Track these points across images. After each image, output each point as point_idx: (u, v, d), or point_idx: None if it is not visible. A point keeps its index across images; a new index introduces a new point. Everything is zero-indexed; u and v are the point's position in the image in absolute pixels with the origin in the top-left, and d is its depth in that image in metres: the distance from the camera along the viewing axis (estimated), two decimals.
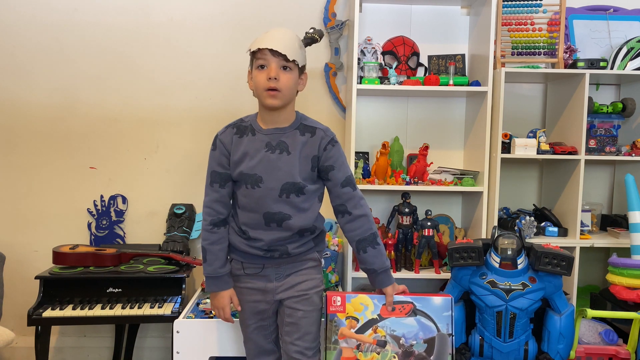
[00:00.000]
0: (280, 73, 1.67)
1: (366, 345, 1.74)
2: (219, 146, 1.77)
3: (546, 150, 2.50)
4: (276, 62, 1.66)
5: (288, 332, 1.78)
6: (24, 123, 2.78)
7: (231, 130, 1.78)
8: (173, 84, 2.80)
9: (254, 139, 1.74)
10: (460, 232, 2.77)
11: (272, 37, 1.67)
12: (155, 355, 2.87)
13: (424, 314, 1.73)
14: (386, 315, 1.76)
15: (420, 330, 1.71)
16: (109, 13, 2.76)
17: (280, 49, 1.64)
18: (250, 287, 1.80)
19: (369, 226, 1.78)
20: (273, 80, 1.65)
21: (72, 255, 2.43)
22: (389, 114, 2.82)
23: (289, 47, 1.67)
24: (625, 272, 2.28)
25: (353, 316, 1.76)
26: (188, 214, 2.74)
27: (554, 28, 2.62)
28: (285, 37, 1.68)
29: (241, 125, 1.78)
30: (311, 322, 1.79)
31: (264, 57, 1.66)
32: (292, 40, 1.70)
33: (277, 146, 1.72)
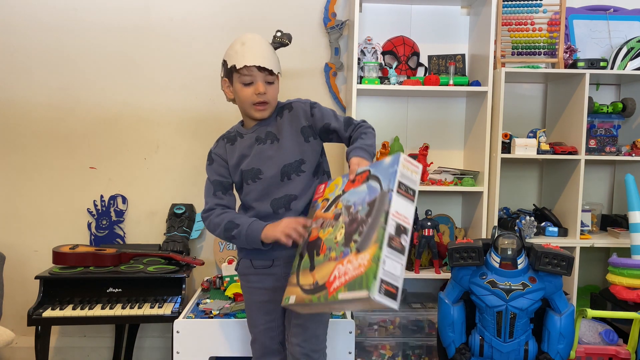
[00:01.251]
0: (267, 87, 1.73)
1: (327, 221, 1.59)
2: (216, 159, 1.82)
3: (546, 150, 2.50)
4: (262, 78, 1.72)
5: (295, 333, 1.78)
6: (24, 123, 2.78)
7: (222, 141, 1.84)
8: (173, 84, 2.80)
9: (244, 140, 1.81)
10: (460, 232, 2.77)
11: (254, 53, 1.70)
12: (155, 355, 2.87)
13: (375, 178, 1.51)
14: (347, 189, 1.58)
15: (367, 195, 1.49)
16: (109, 13, 2.76)
17: (267, 65, 1.70)
18: (259, 287, 1.80)
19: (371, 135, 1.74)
20: (262, 95, 1.72)
21: (72, 255, 2.43)
22: (389, 114, 2.82)
23: (271, 60, 1.73)
24: (626, 272, 2.28)
25: (326, 197, 1.67)
26: (188, 214, 2.74)
27: (554, 28, 2.62)
28: (264, 49, 1.73)
29: (229, 135, 1.85)
30: (317, 325, 1.79)
31: (250, 73, 1.71)
32: (270, 51, 1.75)
33: (266, 137, 1.78)
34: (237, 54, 1.73)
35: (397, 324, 2.53)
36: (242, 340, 2.13)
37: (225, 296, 2.43)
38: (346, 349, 2.15)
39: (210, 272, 2.85)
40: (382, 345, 2.52)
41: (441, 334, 2.08)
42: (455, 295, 2.06)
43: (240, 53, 1.72)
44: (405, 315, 2.53)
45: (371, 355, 2.52)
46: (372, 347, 2.52)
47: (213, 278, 2.62)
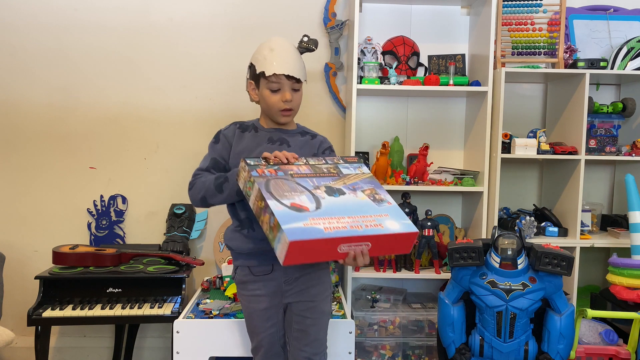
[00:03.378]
0: (294, 94, 1.77)
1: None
2: (222, 140, 1.82)
3: (546, 150, 2.49)
4: (289, 85, 1.76)
5: (296, 337, 1.79)
6: (24, 123, 2.78)
7: (234, 126, 1.85)
8: (173, 84, 2.80)
9: (257, 135, 1.82)
10: (460, 232, 2.77)
11: (283, 60, 1.74)
12: (155, 355, 2.87)
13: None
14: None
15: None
16: (109, 13, 2.76)
17: (295, 74, 1.74)
18: (258, 295, 1.78)
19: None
20: (288, 103, 1.76)
21: (72, 255, 2.43)
22: (389, 114, 2.82)
23: (298, 68, 1.76)
24: (626, 272, 2.28)
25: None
26: (188, 214, 2.74)
27: (554, 28, 2.62)
28: (292, 57, 1.76)
29: (244, 124, 1.86)
30: (319, 329, 1.80)
31: (279, 81, 1.74)
32: (297, 58, 1.78)
33: (278, 140, 1.81)
34: (265, 60, 1.75)
35: (397, 324, 2.53)
36: (242, 340, 2.13)
37: (225, 296, 2.43)
38: (346, 349, 2.15)
39: (210, 272, 2.85)
40: (382, 345, 2.52)
41: (441, 334, 2.08)
42: (455, 295, 2.06)
43: (269, 60, 1.74)
44: (405, 315, 2.53)
45: (371, 355, 2.52)
46: (372, 347, 2.52)
47: (213, 278, 2.62)
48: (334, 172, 1.64)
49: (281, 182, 1.55)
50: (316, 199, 1.52)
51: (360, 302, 2.61)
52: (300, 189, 1.54)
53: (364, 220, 1.49)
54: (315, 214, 1.47)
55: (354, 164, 1.70)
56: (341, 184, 1.60)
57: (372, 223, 1.49)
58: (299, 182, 1.57)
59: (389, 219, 1.52)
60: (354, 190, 1.59)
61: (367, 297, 2.63)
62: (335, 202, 1.53)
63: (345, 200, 1.54)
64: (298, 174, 1.60)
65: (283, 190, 1.52)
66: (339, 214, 1.49)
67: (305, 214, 1.46)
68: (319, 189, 1.55)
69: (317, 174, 1.62)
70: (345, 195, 1.56)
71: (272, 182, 1.54)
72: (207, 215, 2.82)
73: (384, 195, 1.60)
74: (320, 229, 1.42)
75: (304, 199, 1.50)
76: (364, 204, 1.55)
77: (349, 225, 1.46)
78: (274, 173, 1.58)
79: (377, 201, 1.57)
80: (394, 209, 1.56)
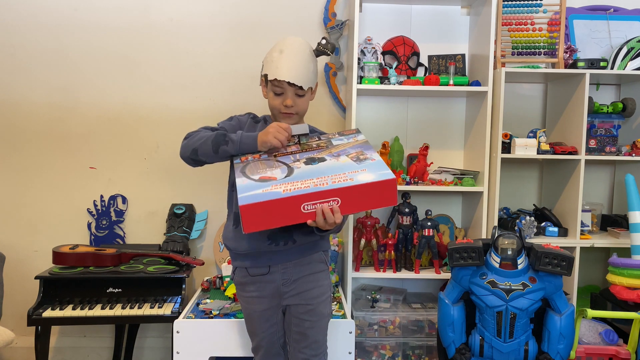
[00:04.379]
0: (296, 99, 1.74)
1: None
2: (234, 121, 1.84)
3: (546, 150, 2.49)
4: (292, 91, 1.73)
5: (296, 339, 1.79)
6: (24, 123, 2.78)
7: (248, 115, 1.87)
8: (173, 84, 2.80)
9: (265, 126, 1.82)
10: (460, 232, 2.77)
11: (289, 66, 1.71)
12: (155, 355, 2.87)
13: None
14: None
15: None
16: (109, 13, 2.76)
17: (297, 82, 1.71)
18: (257, 296, 1.78)
19: None
20: (289, 108, 1.74)
21: (72, 255, 2.43)
22: (389, 114, 2.82)
23: (304, 75, 1.72)
24: (626, 272, 2.28)
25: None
26: (188, 214, 2.74)
27: (554, 28, 2.62)
28: (300, 62, 1.72)
29: (257, 117, 1.88)
30: (317, 331, 1.79)
31: (281, 86, 1.73)
32: (306, 63, 1.74)
33: None
34: (272, 62, 1.73)
35: (397, 324, 2.53)
36: (242, 340, 2.13)
37: (225, 296, 2.43)
38: (346, 349, 2.15)
39: (210, 272, 2.85)
40: (382, 345, 2.52)
41: (441, 334, 2.08)
42: (455, 295, 2.06)
43: (275, 62, 1.72)
44: (405, 315, 2.53)
45: (371, 355, 2.52)
46: (372, 347, 2.52)
47: (213, 278, 2.62)
48: (323, 145, 1.62)
49: (260, 163, 1.54)
50: (289, 170, 1.49)
51: (360, 302, 2.61)
52: (278, 164, 1.52)
53: (333, 178, 1.44)
54: (281, 181, 1.43)
55: (350, 135, 1.66)
56: (325, 154, 1.56)
57: (342, 178, 1.43)
58: (279, 160, 1.55)
59: (364, 173, 1.45)
60: (337, 156, 1.54)
61: (367, 297, 2.63)
62: (310, 169, 1.49)
63: (322, 166, 1.50)
64: (282, 154, 1.59)
65: (257, 169, 1.50)
66: (306, 177, 1.45)
67: (269, 183, 1.43)
68: (299, 162, 1.53)
69: (304, 150, 1.61)
70: (325, 162, 1.52)
71: (250, 165, 1.52)
72: (207, 215, 2.83)
73: (370, 154, 1.53)
74: (279, 191, 1.39)
75: (276, 172, 1.48)
76: (342, 165, 1.50)
77: (312, 184, 1.42)
78: (258, 157, 1.57)
79: (359, 161, 1.51)
80: (376, 164, 1.48)
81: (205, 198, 2.82)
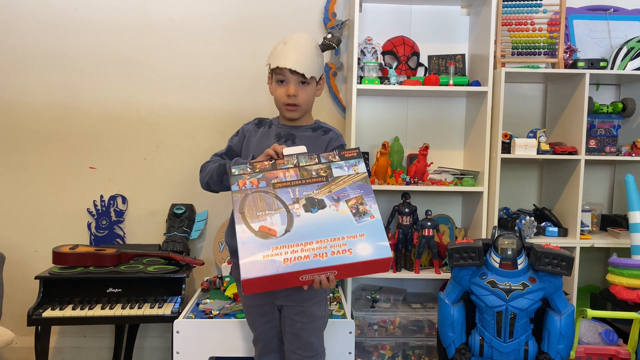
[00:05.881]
0: (299, 89, 1.74)
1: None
2: (240, 133, 1.89)
3: (546, 150, 2.49)
4: (295, 80, 1.73)
5: (289, 340, 1.81)
6: (24, 123, 2.78)
7: (254, 121, 1.92)
8: (173, 84, 2.80)
9: (268, 130, 1.84)
10: (460, 232, 2.77)
11: (291, 54, 1.71)
12: (155, 355, 2.87)
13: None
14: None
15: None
16: (109, 13, 2.76)
17: (298, 69, 1.70)
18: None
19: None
20: (292, 97, 1.73)
21: (72, 255, 2.43)
22: (389, 114, 2.82)
23: (306, 64, 1.72)
24: (625, 272, 2.28)
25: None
26: (188, 214, 2.74)
27: (554, 28, 2.62)
28: (303, 52, 1.73)
29: (263, 119, 1.90)
30: (310, 333, 1.80)
31: (283, 73, 1.73)
32: (310, 54, 1.75)
33: (284, 136, 1.80)
34: (276, 52, 1.75)
35: (397, 324, 2.53)
36: (242, 340, 2.13)
37: (225, 296, 2.43)
38: (346, 349, 2.15)
39: (210, 272, 2.85)
40: (382, 346, 2.52)
41: (441, 334, 2.08)
42: (455, 295, 2.06)
43: (279, 52, 1.74)
44: (405, 315, 2.53)
45: (371, 355, 2.52)
46: (372, 347, 2.52)
47: (213, 278, 2.62)
48: (324, 175, 1.59)
49: (259, 198, 1.54)
50: (289, 218, 1.50)
51: (360, 302, 2.61)
52: (277, 204, 1.52)
53: (332, 245, 1.45)
54: (281, 241, 1.45)
55: (351, 160, 1.63)
56: (326, 193, 1.56)
57: (341, 249, 1.45)
58: (278, 195, 1.54)
59: (363, 240, 1.46)
60: (337, 201, 1.54)
61: (367, 297, 2.63)
62: (309, 220, 1.50)
63: (321, 217, 1.51)
64: (281, 183, 1.57)
65: (257, 209, 1.51)
66: (307, 239, 1.46)
67: (269, 242, 1.45)
68: (298, 203, 1.53)
69: (304, 180, 1.57)
70: (325, 210, 1.52)
71: (249, 199, 1.53)
72: (207, 215, 2.83)
73: (370, 206, 1.53)
74: (279, 261, 1.41)
75: (275, 220, 1.49)
76: (341, 221, 1.50)
77: (312, 254, 1.43)
78: (256, 184, 1.56)
79: (359, 214, 1.51)
80: (373, 226, 1.49)
81: (205, 198, 2.81)
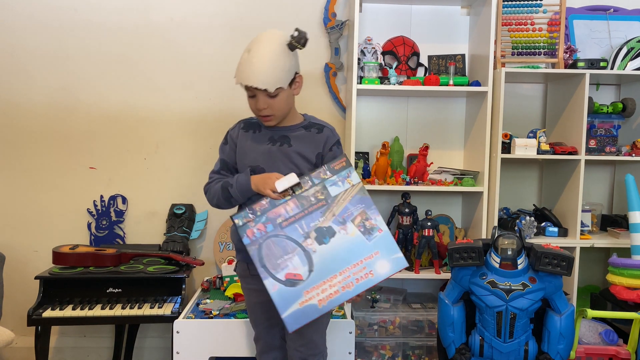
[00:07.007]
0: (269, 101, 1.69)
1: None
2: (229, 141, 1.84)
3: (546, 150, 2.49)
4: (263, 94, 1.68)
5: (291, 338, 1.81)
6: (24, 123, 2.78)
7: (239, 125, 1.85)
8: (173, 84, 2.80)
9: (259, 134, 1.80)
10: (460, 232, 2.77)
11: (255, 69, 1.63)
12: (155, 355, 2.87)
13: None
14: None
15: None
16: (109, 13, 2.76)
17: (261, 85, 1.64)
18: (256, 289, 1.79)
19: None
20: (263, 110, 1.70)
21: (72, 256, 2.43)
22: (389, 114, 2.82)
23: (270, 77, 1.64)
24: (626, 272, 2.28)
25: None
26: (188, 214, 2.74)
27: (554, 28, 2.62)
28: (266, 64, 1.63)
29: (249, 121, 1.85)
30: (314, 331, 1.80)
31: (249, 89, 1.69)
32: (275, 62, 1.64)
33: (279, 139, 1.78)
34: (240, 65, 1.68)
35: (397, 324, 2.53)
36: (242, 340, 2.13)
37: (225, 296, 2.43)
38: (346, 349, 2.16)
39: (210, 272, 2.85)
40: (382, 346, 2.52)
41: (441, 334, 2.08)
42: (455, 296, 2.06)
43: (242, 65, 1.67)
44: (405, 315, 2.53)
45: (371, 355, 2.52)
46: (372, 347, 2.52)
47: (213, 278, 2.62)
48: (322, 197, 1.66)
49: (272, 244, 1.63)
50: (308, 257, 1.61)
51: (360, 302, 2.61)
52: (292, 246, 1.62)
53: (354, 272, 1.61)
54: (309, 283, 1.59)
55: (342, 172, 1.68)
56: (331, 218, 1.65)
57: (363, 273, 1.61)
58: (289, 236, 1.63)
59: (379, 258, 1.62)
60: (344, 223, 1.64)
61: (367, 297, 2.63)
62: (326, 253, 1.61)
63: (336, 246, 1.62)
64: (287, 220, 1.64)
65: (275, 257, 1.61)
66: (331, 273, 1.60)
67: (300, 288, 1.59)
68: (309, 237, 1.63)
69: (306, 210, 1.65)
70: (336, 237, 1.63)
71: (264, 248, 1.62)
72: (207, 216, 2.82)
73: (374, 219, 1.65)
74: (315, 304, 1.58)
75: (296, 263, 1.60)
76: (354, 244, 1.63)
77: (340, 287, 1.59)
78: (264, 230, 1.64)
79: (367, 232, 1.64)
80: (384, 240, 1.64)
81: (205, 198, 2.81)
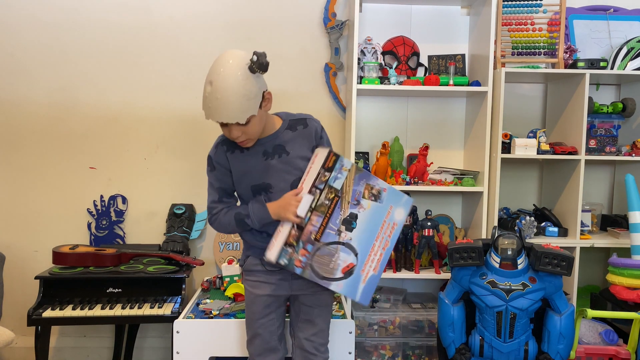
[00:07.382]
0: (242, 128, 1.65)
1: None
2: (218, 167, 1.79)
3: (546, 150, 2.49)
4: (234, 125, 1.64)
5: (302, 328, 1.85)
6: (24, 123, 2.78)
7: (221, 147, 1.78)
8: (173, 83, 2.80)
9: (250, 151, 1.75)
10: (460, 232, 2.77)
11: (219, 104, 1.58)
12: (155, 355, 2.87)
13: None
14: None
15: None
16: (109, 12, 2.76)
17: (232, 120, 1.61)
18: (264, 281, 1.81)
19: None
20: (238, 137, 1.68)
21: (72, 256, 2.43)
22: (389, 114, 2.82)
23: (239, 110, 1.59)
24: (625, 272, 2.28)
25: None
26: (188, 214, 2.74)
27: (554, 28, 2.62)
28: (230, 97, 1.57)
29: (228, 140, 1.75)
30: (324, 320, 1.87)
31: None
32: (238, 93, 1.58)
33: (274, 151, 1.76)
34: (205, 99, 1.62)
35: (397, 324, 2.53)
36: (242, 340, 2.13)
37: (225, 296, 2.43)
38: (346, 349, 2.15)
39: (210, 272, 2.85)
40: (382, 346, 2.52)
41: (441, 334, 2.08)
42: (455, 295, 2.06)
43: (206, 101, 1.61)
44: (405, 315, 2.53)
45: (371, 355, 2.52)
46: (372, 347, 2.52)
47: (213, 278, 2.62)
48: (332, 196, 1.76)
49: (319, 258, 1.73)
50: (350, 247, 1.76)
51: None
52: (333, 248, 1.75)
53: (384, 231, 1.80)
54: (360, 265, 1.76)
55: (336, 165, 1.77)
56: (347, 207, 1.78)
57: (390, 228, 1.81)
58: (327, 242, 1.74)
59: (394, 210, 1.82)
60: (358, 203, 1.79)
61: None
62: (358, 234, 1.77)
63: (362, 225, 1.78)
64: (317, 232, 1.74)
65: (327, 264, 1.74)
66: (369, 245, 1.78)
67: (356, 272, 1.75)
68: (342, 232, 1.76)
69: (327, 214, 1.75)
70: (359, 218, 1.78)
71: (315, 265, 1.73)
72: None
73: (377, 184, 1.81)
74: (372, 274, 1.77)
75: (344, 257, 1.75)
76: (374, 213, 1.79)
77: (381, 248, 1.79)
78: (307, 253, 1.73)
79: (377, 197, 1.80)
80: (390, 194, 1.82)
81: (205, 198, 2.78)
